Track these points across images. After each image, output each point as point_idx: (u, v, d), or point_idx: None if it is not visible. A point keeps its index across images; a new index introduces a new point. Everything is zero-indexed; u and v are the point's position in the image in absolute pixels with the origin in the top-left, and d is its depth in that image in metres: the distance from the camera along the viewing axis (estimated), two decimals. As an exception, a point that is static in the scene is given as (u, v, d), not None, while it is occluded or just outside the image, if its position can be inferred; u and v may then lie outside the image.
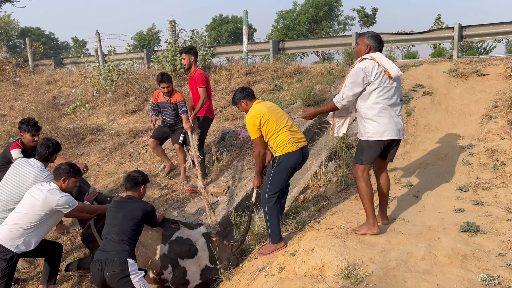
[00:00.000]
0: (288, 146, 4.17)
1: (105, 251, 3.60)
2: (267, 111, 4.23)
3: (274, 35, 37.51)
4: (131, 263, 3.57)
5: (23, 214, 3.87)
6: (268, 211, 4.18)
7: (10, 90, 13.01)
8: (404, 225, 4.08)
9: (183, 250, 4.29)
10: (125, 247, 3.60)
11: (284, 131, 4.21)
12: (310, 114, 4.23)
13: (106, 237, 3.69)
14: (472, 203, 4.51)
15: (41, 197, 3.88)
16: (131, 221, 3.73)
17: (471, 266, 3.35)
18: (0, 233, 3.84)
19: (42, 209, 3.87)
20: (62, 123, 9.83)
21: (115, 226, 3.69)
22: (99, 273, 3.53)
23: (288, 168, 4.21)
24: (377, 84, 3.83)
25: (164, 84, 6.21)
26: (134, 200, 3.96)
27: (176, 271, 4.22)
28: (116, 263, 3.51)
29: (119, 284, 3.52)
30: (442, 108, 6.85)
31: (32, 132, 4.94)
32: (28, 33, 42.88)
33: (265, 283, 3.68)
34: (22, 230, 3.84)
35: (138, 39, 43.58)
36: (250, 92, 4.49)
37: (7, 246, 3.79)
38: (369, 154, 3.91)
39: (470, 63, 8.07)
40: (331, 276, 3.34)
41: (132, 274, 3.53)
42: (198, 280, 4.29)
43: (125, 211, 3.79)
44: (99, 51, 14.05)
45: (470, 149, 5.58)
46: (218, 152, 6.98)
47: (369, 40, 3.96)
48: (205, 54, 11.16)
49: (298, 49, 12.69)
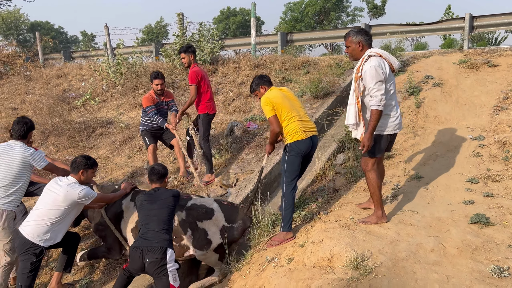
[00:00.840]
0: (298, 134, 4.29)
1: (146, 239, 3.79)
2: (281, 98, 4.36)
3: (282, 27, 37.32)
4: (170, 253, 3.76)
5: (47, 210, 3.97)
6: (285, 197, 4.29)
7: (21, 84, 13.13)
8: (413, 217, 4.08)
9: (199, 213, 4.45)
10: (165, 237, 3.82)
11: (294, 120, 4.32)
12: (368, 140, 3.81)
13: (146, 226, 3.88)
14: (482, 195, 4.49)
15: (62, 192, 3.98)
16: (167, 210, 3.95)
17: (481, 257, 3.35)
18: (27, 230, 3.95)
19: (64, 203, 3.98)
20: (72, 116, 9.91)
21: (154, 216, 3.90)
22: (139, 259, 3.72)
23: (299, 154, 4.32)
24: (388, 81, 3.90)
25: (159, 80, 6.18)
26: (163, 190, 4.16)
27: (196, 234, 4.36)
28: (157, 251, 3.71)
29: (156, 271, 3.71)
30: (452, 99, 6.79)
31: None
32: (38, 27, 43.15)
33: (274, 274, 3.71)
34: (48, 225, 3.96)
35: (146, 32, 43.64)
36: (267, 78, 4.66)
37: (35, 241, 3.92)
38: (380, 147, 4.00)
39: (481, 54, 7.98)
40: (340, 267, 3.36)
41: (169, 263, 3.72)
42: (219, 240, 4.41)
43: (160, 201, 4.00)
44: (108, 44, 14.11)
45: (480, 141, 5.54)
46: (227, 145, 7.00)
47: (356, 36, 3.97)
48: (213, 47, 11.16)
49: (306, 41, 12.62)
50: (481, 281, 3.03)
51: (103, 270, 4.72)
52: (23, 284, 3.88)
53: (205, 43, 11.13)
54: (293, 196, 4.34)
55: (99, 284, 4.54)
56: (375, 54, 3.88)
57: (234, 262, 4.39)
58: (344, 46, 4.13)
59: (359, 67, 3.91)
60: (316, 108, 7.91)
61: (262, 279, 3.82)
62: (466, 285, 2.99)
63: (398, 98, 7.16)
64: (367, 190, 5.18)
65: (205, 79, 6.16)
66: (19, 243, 3.94)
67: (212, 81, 10.41)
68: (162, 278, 3.71)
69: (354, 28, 4.08)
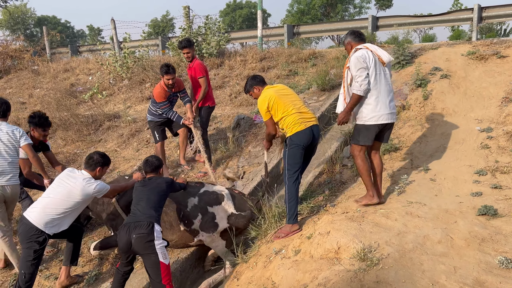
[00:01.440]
0: (297, 126, 4.33)
1: (134, 216, 3.85)
2: (275, 96, 4.43)
3: (289, 20, 37.13)
4: (157, 229, 3.76)
5: (58, 200, 4.00)
6: (288, 189, 4.34)
7: (28, 78, 13.21)
8: (420, 209, 4.07)
9: (211, 198, 4.62)
10: (153, 213, 3.85)
11: (292, 113, 4.37)
12: (344, 117, 4.28)
13: (136, 206, 3.96)
14: (490, 187, 4.47)
15: (79, 187, 4.03)
16: (158, 193, 4.03)
17: (489, 249, 3.34)
18: (32, 215, 3.96)
19: (79, 197, 4.03)
20: (80, 110, 9.96)
21: (144, 197, 3.98)
22: (126, 236, 3.73)
23: (300, 146, 4.34)
24: (373, 71, 4.17)
25: (170, 75, 6.01)
26: (156, 177, 4.26)
27: (205, 217, 4.50)
28: (143, 226, 3.72)
29: (143, 247, 3.69)
30: (460, 91, 6.74)
31: (44, 127, 4.99)
32: (45, 22, 43.29)
33: (281, 266, 3.73)
34: (56, 214, 3.98)
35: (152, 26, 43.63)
36: (261, 78, 4.74)
37: (41, 227, 3.92)
38: (365, 136, 4.28)
39: (489, 45, 7.90)
40: (347, 258, 3.37)
41: (157, 240, 3.70)
42: (226, 224, 4.52)
43: (151, 186, 4.10)
44: (115, 38, 14.14)
45: (488, 133, 5.50)
46: (234, 138, 7.01)
47: (346, 39, 4.46)
48: (219, 40, 11.14)
49: (313, 33, 12.57)
50: (489, 272, 3.03)
51: (112, 262, 4.76)
52: (26, 271, 3.90)
53: (212, 36, 11.12)
54: (296, 188, 4.35)
55: (108, 275, 4.58)
56: (361, 47, 4.25)
57: (242, 253, 4.42)
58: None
59: (347, 59, 4.31)
60: (323, 100, 7.89)
61: (269, 270, 3.84)
62: (473, 276, 2.99)
63: (405, 90, 7.13)
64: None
65: (208, 71, 6.35)
66: (23, 229, 3.93)
67: (218, 74, 10.41)
68: (151, 255, 3.67)
69: (348, 32, 4.51)
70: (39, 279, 4.52)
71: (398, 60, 8.06)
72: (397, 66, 8.05)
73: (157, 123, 6.38)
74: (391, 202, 4.37)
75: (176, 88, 6.34)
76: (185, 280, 4.63)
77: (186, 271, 4.69)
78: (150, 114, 6.43)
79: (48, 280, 4.50)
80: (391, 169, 5.38)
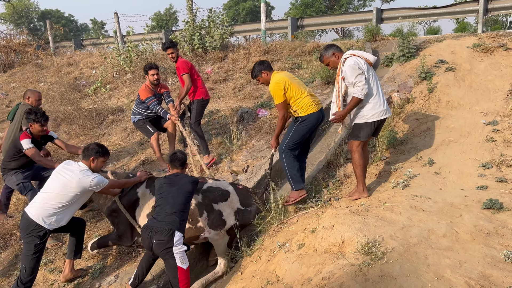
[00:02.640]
0: (311, 107, 4.72)
1: (157, 220, 3.84)
2: (288, 79, 4.72)
3: (293, 13, 36.91)
4: (177, 235, 3.76)
5: (55, 194, 3.98)
6: (286, 161, 4.75)
7: (32, 72, 13.23)
8: (425, 203, 4.05)
9: (215, 195, 4.54)
10: (175, 219, 3.82)
11: (305, 96, 4.73)
12: (341, 116, 4.51)
13: (161, 207, 3.93)
14: (496, 180, 4.43)
15: (74, 179, 3.98)
16: (184, 195, 3.98)
17: (494, 243, 3.32)
18: (32, 211, 3.97)
19: (75, 190, 3.99)
20: (83, 104, 9.97)
21: (170, 198, 3.94)
22: (148, 239, 3.78)
23: (310, 126, 4.75)
24: (367, 73, 4.41)
25: (155, 70, 6.26)
26: (183, 175, 4.20)
27: (212, 215, 4.43)
28: (164, 233, 3.73)
29: (162, 253, 3.75)
30: (466, 84, 6.69)
31: (41, 122, 5.01)
32: (48, 16, 43.26)
33: (285, 259, 3.73)
34: (54, 209, 3.97)
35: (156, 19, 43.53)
36: (268, 64, 4.94)
37: (40, 223, 3.93)
38: (366, 132, 4.53)
39: (495, 37, 7.82)
40: (351, 252, 3.36)
41: (175, 246, 3.72)
42: (233, 221, 4.50)
43: (178, 185, 4.04)
44: (118, 32, 14.11)
45: (494, 126, 5.46)
46: (237, 132, 7.00)
47: (328, 52, 4.64)
48: (223, 33, 11.10)
49: (317, 26, 12.48)
50: (494, 266, 3.01)
51: (116, 256, 4.78)
52: (27, 265, 3.91)
53: (215, 29, 11.07)
54: (293, 158, 4.75)
55: (112, 269, 4.60)
56: (349, 55, 4.46)
57: (245, 247, 4.42)
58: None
59: (339, 70, 4.51)
60: (327, 94, 7.85)
61: (273, 264, 3.84)
62: (478, 270, 2.97)
63: (410, 83, 7.08)
64: (378, 176, 5.17)
65: (194, 68, 6.41)
66: (24, 224, 3.95)
67: (222, 67, 10.38)
68: (169, 260, 3.74)
69: (326, 46, 4.71)
70: (43, 272, 4.55)
71: (403, 53, 8.00)
72: (402, 59, 7.99)
73: (147, 118, 6.46)
74: (395, 195, 4.35)
75: (161, 89, 6.47)
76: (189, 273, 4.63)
77: (190, 265, 4.69)
78: (136, 114, 6.49)
79: (53, 273, 4.53)
80: (396, 162, 5.36)
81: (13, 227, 5.35)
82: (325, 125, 7.01)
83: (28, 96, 5.85)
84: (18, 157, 5.09)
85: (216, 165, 6.37)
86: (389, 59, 8.56)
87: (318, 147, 6.62)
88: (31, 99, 5.83)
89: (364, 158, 4.59)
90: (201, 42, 10.95)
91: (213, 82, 9.71)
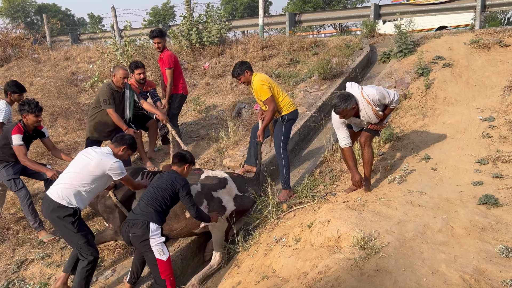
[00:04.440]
0: (292, 106, 5.14)
1: (134, 213, 3.83)
2: (270, 79, 5.08)
3: (290, 8, 36.78)
4: (153, 226, 3.70)
5: (76, 174, 3.97)
6: (285, 160, 5.05)
7: (29, 67, 13.17)
8: (421, 198, 4.07)
9: (214, 183, 4.61)
10: (150, 211, 3.77)
11: (285, 96, 5.13)
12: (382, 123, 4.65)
13: (140, 201, 3.91)
14: (492, 176, 4.46)
15: (96, 158, 3.98)
16: (161, 190, 3.87)
17: (489, 237, 3.34)
18: (54, 193, 3.94)
19: (95, 170, 3.96)
20: (81, 98, 9.94)
21: (148, 193, 3.90)
22: (126, 233, 3.78)
23: (293, 123, 5.21)
24: None
25: (141, 69, 6.08)
26: (171, 173, 4.05)
27: (211, 203, 4.49)
28: (138, 225, 3.69)
29: (140, 246, 3.73)
30: (463, 80, 6.71)
31: (36, 113, 4.90)
32: (45, 10, 42.99)
33: (281, 254, 3.74)
34: (74, 189, 3.93)
35: (153, 14, 43.32)
36: (249, 64, 5.23)
37: (63, 203, 3.87)
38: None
39: (492, 33, 7.84)
40: (347, 247, 3.38)
41: (152, 238, 3.67)
42: (233, 207, 4.60)
43: (160, 181, 3.97)
44: (115, 26, 14.05)
45: (490, 122, 5.48)
46: (235, 127, 7.00)
47: (349, 104, 4.34)
48: (220, 28, 11.06)
49: (314, 21, 12.45)
50: (489, 261, 3.04)
51: (113, 250, 4.78)
52: (80, 241, 3.87)
53: (213, 24, 11.04)
54: (288, 157, 5.12)
55: (109, 263, 4.61)
56: (356, 85, 4.55)
57: (242, 242, 4.44)
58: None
59: (368, 103, 4.41)
60: (325, 89, 7.85)
61: (269, 258, 3.86)
62: (473, 264, 3.00)
63: (407, 79, 7.09)
64: (374, 171, 5.17)
65: (178, 62, 6.41)
66: (46, 206, 3.90)
67: (219, 62, 10.36)
68: (147, 253, 3.71)
69: (336, 104, 4.36)
70: (40, 266, 4.55)
71: (400, 49, 8.01)
72: (399, 55, 8.00)
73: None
74: (391, 191, 4.37)
75: (147, 87, 6.39)
76: (186, 267, 4.65)
77: (187, 259, 4.71)
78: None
79: (50, 267, 4.53)
80: (392, 158, 5.38)
81: (10, 221, 5.35)
82: (322, 120, 7.02)
83: (114, 73, 5.60)
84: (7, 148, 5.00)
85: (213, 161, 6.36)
86: (387, 55, 8.57)
87: (315, 142, 6.63)
88: (117, 76, 5.55)
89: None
90: (198, 37, 10.91)
91: (211, 77, 9.69)
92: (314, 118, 7.00)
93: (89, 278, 3.94)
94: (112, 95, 5.54)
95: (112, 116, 5.52)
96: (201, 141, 6.86)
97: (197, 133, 7.32)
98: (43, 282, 4.34)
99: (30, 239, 5.04)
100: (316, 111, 7.11)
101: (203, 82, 9.52)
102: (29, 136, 5.05)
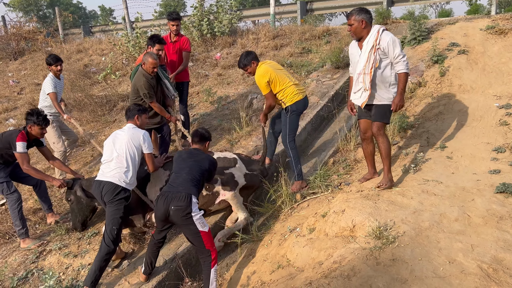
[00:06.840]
0: (296, 96, 4.96)
1: (173, 186, 3.84)
2: (273, 71, 4.93)
3: (302, -3, 36.43)
4: (194, 202, 3.77)
5: (117, 155, 4.23)
6: (292, 152, 5.03)
7: (42, 60, 13.25)
8: (437, 187, 4.03)
9: (224, 162, 4.91)
10: (192, 186, 3.84)
11: (290, 85, 4.97)
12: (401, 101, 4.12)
13: (176, 174, 3.95)
14: (509, 164, 4.39)
15: (128, 133, 4.33)
16: (199, 168, 3.98)
17: (507, 226, 3.30)
18: (111, 176, 4.16)
19: (134, 142, 4.28)
20: (94, 90, 10.00)
21: (186, 167, 3.96)
22: (164, 206, 3.75)
23: (299, 113, 5.07)
24: None
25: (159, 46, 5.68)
26: (202, 152, 4.22)
27: (225, 178, 4.78)
28: (182, 198, 3.72)
29: (181, 220, 3.73)
30: (479, 67, 6.58)
31: (42, 125, 4.79)
32: (57, 3, 43.20)
33: (296, 243, 3.75)
34: (125, 167, 4.20)
35: (164, 5, 43.28)
36: (255, 54, 5.16)
37: (121, 184, 4.15)
38: (391, 114, 4.32)
39: (509, 19, 7.65)
40: (362, 236, 3.37)
41: (194, 212, 3.73)
42: (244, 182, 4.86)
43: (196, 158, 4.07)
44: (127, 18, 14.07)
45: (508, 109, 5.38)
46: (247, 117, 6.99)
47: (359, 15, 4.12)
48: (231, 18, 11.01)
49: (326, 9, 12.29)
50: (507, 250, 3.00)
51: (129, 241, 4.84)
52: (116, 226, 4.07)
53: (223, 14, 10.98)
54: (296, 150, 5.07)
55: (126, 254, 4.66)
56: (385, 28, 4.16)
57: (256, 232, 4.45)
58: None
59: (376, 39, 4.07)
60: (337, 78, 7.78)
61: (284, 248, 3.87)
62: (491, 254, 2.96)
63: (422, 67, 6.99)
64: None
65: None
66: (107, 189, 4.12)
67: (231, 53, 10.32)
68: (190, 226, 3.73)
69: (357, 8, 4.19)
70: (58, 256, 4.62)
71: (414, 36, 7.87)
72: (413, 42, 7.87)
73: None
74: (406, 180, 4.33)
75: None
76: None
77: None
78: None
79: (67, 257, 4.60)
80: (407, 147, 5.32)
81: (27, 213, 5.44)
82: (335, 109, 6.97)
83: (143, 61, 5.33)
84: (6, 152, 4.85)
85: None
86: (400, 42, 8.43)
87: (328, 132, 6.59)
88: (147, 65, 5.27)
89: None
90: (209, 27, 10.88)
91: (222, 67, 9.67)
92: (327, 108, 6.94)
93: (103, 269, 4.05)
94: (150, 85, 5.33)
95: (154, 108, 5.46)
96: (214, 132, 6.85)
97: (209, 124, 7.33)
98: (60, 272, 4.42)
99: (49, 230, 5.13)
100: (329, 100, 7.05)
101: (215, 73, 9.50)
102: (28, 144, 4.87)
